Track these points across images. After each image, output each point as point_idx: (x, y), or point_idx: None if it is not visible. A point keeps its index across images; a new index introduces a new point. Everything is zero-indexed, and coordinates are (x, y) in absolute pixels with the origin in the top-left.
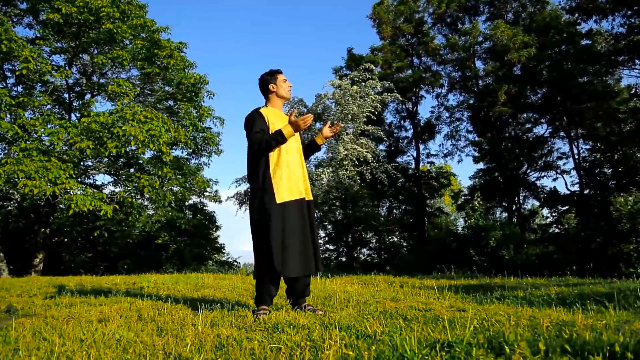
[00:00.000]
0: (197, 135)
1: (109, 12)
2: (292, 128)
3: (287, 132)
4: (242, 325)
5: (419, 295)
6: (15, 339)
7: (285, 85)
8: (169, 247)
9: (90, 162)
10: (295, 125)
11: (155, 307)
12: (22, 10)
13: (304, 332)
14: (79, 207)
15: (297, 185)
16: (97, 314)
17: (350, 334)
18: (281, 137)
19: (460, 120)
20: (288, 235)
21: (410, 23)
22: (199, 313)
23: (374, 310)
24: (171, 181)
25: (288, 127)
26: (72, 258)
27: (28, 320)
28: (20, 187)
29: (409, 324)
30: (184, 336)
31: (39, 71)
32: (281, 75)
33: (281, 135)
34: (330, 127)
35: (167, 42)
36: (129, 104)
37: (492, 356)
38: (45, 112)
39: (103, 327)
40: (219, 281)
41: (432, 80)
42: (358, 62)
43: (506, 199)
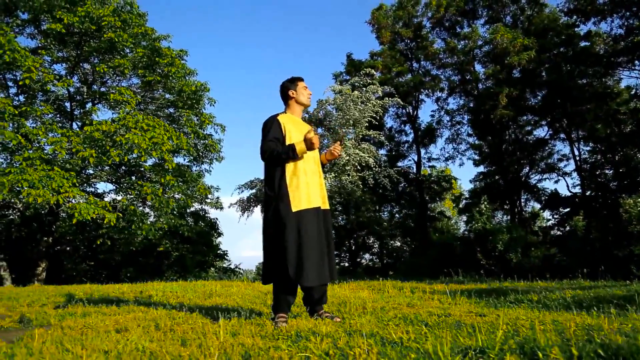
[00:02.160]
0: (199, 142)
1: (110, 21)
2: (305, 145)
3: (300, 149)
4: (264, 334)
5: (433, 300)
6: (40, 351)
7: (305, 92)
8: (171, 255)
9: (92, 170)
10: (310, 143)
11: (171, 316)
12: (24, 20)
13: (328, 340)
14: (83, 215)
15: (314, 194)
16: (113, 323)
17: (376, 341)
18: (293, 152)
19: (461, 124)
20: (304, 244)
21: (409, 28)
22: (218, 322)
23: (392, 316)
24: (173, 188)
25: (302, 144)
26: (74, 266)
27: (44, 330)
28: (24, 196)
29: (432, 330)
30: (207, 346)
31: (41, 81)
32: (302, 82)
33: (293, 150)
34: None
35: (168, 50)
36: (131, 112)
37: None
38: (47, 121)
39: (123, 338)
40: (227, 289)
41: (432, 85)
42: (358, 67)
43: (507, 201)
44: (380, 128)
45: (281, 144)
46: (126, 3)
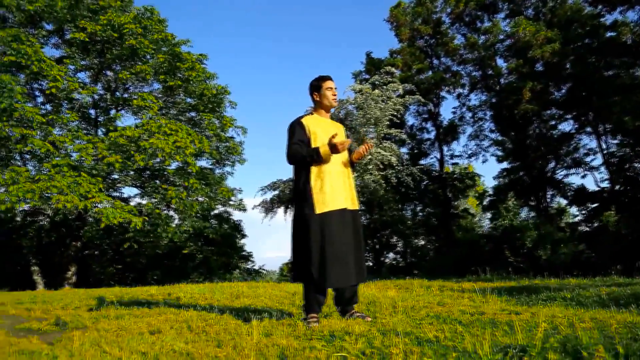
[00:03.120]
0: (220, 145)
1: (131, 29)
2: (329, 149)
3: (324, 151)
4: (298, 334)
5: (463, 299)
6: (80, 352)
7: (328, 93)
8: (196, 257)
9: (117, 175)
10: (333, 147)
11: (202, 317)
12: (49, 31)
13: (363, 340)
14: (110, 220)
15: (340, 196)
16: (146, 325)
17: (412, 340)
18: (317, 155)
19: (483, 120)
20: (327, 246)
21: (428, 24)
22: (249, 323)
23: (424, 315)
24: (197, 191)
25: (326, 147)
26: (102, 270)
27: (81, 333)
28: (54, 202)
29: (467, 328)
30: (242, 347)
31: (66, 89)
32: (327, 82)
33: (317, 153)
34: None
35: (188, 55)
36: (154, 117)
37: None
38: (73, 128)
39: (158, 340)
40: (254, 290)
41: (453, 81)
42: (377, 65)
43: (532, 197)
44: (402, 126)
45: (306, 147)
46: (146, 10)
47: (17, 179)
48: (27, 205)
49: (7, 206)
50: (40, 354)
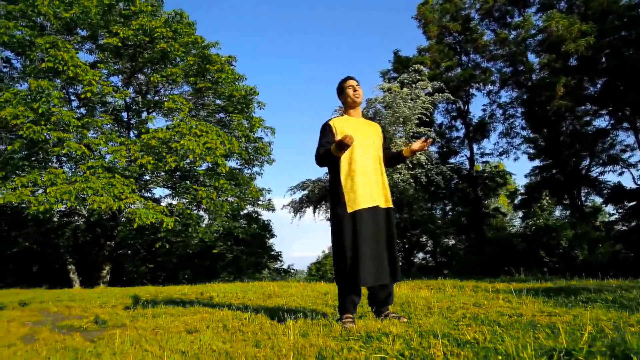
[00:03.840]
0: (249, 146)
1: (162, 32)
2: (336, 147)
3: (332, 149)
4: (334, 335)
5: (498, 300)
6: (121, 351)
7: (350, 92)
8: (226, 256)
9: (149, 176)
10: (339, 144)
11: (236, 316)
12: (83, 37)
13: (400, 341)
14: (143, 220)
15: (371, 194)
16: (182, 324)
17: (450, 341)
18: (331, 154)
19: (514, 117)
20: (360, 245)
21: (457, 21)
22: (284, 323)
23: (461, 316)
24: (227, 192)
25: (336, 143)
26: (135, 269)
27: (120, 331)
28: (89, 203)
29: (507, 330)
30: (280, 347)
31: (100, 93)
32: (349, 81)
33: (331, 153)
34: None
35: (217, 57)
36: (184, 119)
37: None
38: (106, 131)
39: (196, 339)
40: (286, 289)
41: (482, 78)
42: (405, 64)
43: (566, 196)
44: (431, 124)
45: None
46: (176, 14)
47: (54, 180)
48: (63, 206)
49: (45, 207)
50: (84, 351)
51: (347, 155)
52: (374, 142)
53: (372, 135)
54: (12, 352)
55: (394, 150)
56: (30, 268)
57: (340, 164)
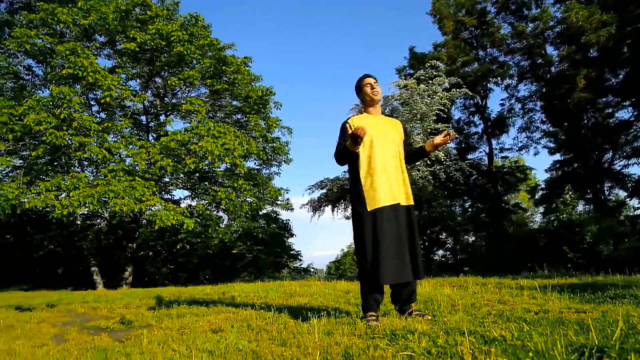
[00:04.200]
0: (267, 146)
1: (178, 36)
2: (351, 140)
3: (348, 144)
4: (359, 333)
5: (523, 296)
6: (149, 350)
7: (367, 90)
8: (245, 256)
9: (168, 178)
10: (352, 138)
11: (260, 316)
12: (102, 43)
13: (426, 339)
14: (164, 222)
15: (392, 191)
16: (207, 324)
17: (477, 338)
18: (347, 149)
19: (534, 111)
20: (380, 243)
21: (472, 15)
22: (308, 321)
23: (486, 313)
24: (245, 192)
25: (350, 136)
26: (156, 270)
27: (147, 331)
28: (111, 206)
29: (534, 327)
30: (306, 346)
31: (119, 97)
32: (366, 79)
33: (347, 148)
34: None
35: (233, 59)
36: (202, 121)
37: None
38: (126, 135)
39: (222, 338)
40: (307, 288)
41: (500, 72)
42: (421, 60)
43: (589, 190)
44: (448, 121)
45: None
46: (192, 17)
47: (77, 184)
48: (86, 209)
49: (69, 210)
50: (113, 351)
51: (366, 153)
52: (394, 139)
53: (392, 132)
54: (45, 352)
55: (416, 146)
56: (55, 270)
57: (360, 162)
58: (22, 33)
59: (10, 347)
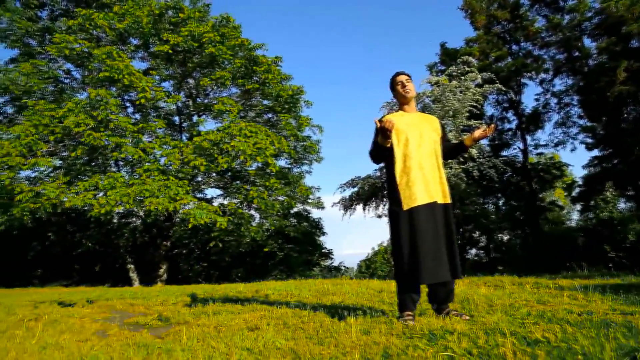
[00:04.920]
0: (298, 145)
1: (210, 37)
2: (381, 135)
3: (379, 139)
4: (396, 333)
5: (563, 297)
6: (190, 347)
7: (399, 88)
8: (277, 255)
9: (201, 177)
10: (381, 131)
11: (295, 314)
12: (136, 46)
13: (466, 339)
14: (197, 220)
15: (428, 190)
16: (243, 321)
17: (519, 340)
18: (379, 145)
19: (570, 106)
20: (418, 242)
21: (505, 9)
22: (344, 320)
23: (526, 314)
24: (277, 191)
25: (378, 131)
26: (189, 267)
27: (185, 328)
28: (146, 205)
29: (578, 329)
30: (344, 345)
31: (153, 99)
32: (398, 77)
33: (378, 144)
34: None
35: (264, 58)
36: (234, 121)
37: None
38: (160, 135)
39: (259, 336)
40: (340, 287)
41: (535, 66)
42: (453, 56)
43: (629, 187)
44: (481, 117)
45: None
46: (223, 18)
47: (114, 184)
48: (122, 208)
49: (106, 209)
50: (154, 347)
51: (401, 151)
52: (430, 136)
53: (428, 129)
54: (90, 347)
55: (454, 141)
56: (93, 267)
57: (395, 160)
58: (62, 39)
59: (57, 341)
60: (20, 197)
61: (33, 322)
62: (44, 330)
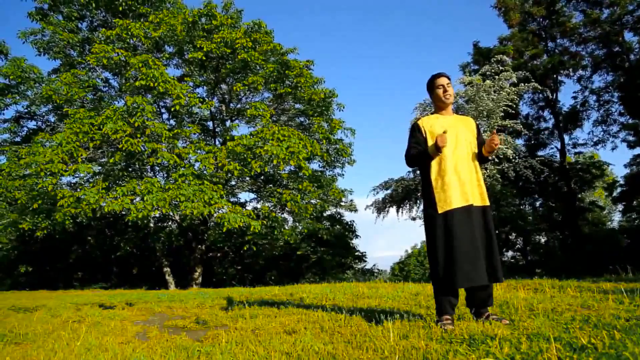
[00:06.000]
0: (330, 148)
1: (242, 43)
2: (434, 148)
3: (430, 150)
4: (435, 337)
5: (608, 301)
6: (228, 351)
7: (439, 91)
8: (310, 257)
9: (235, 181)
10: (435, 146)
11: (331, 318)
12: (171, 53)
13: (508, 344)
14: (231, 224)
15: (463, 192)
16: (280, 325)
17: (564, 345)
18: (427, 155)
19: (610, 103)
20: (453, 245)
21: (541, 5)
22: (381, 324)
23: (570, 318)
24: (310, 194)
25: (432, 147)
26: (224, 271)
27: (222, 331)
28: (182, 209)
29: (627, 335)
30: (382, 350)
31: (187, 105)
32: (438, 80)
33: (427, 154)
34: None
35: (296, 62)
36: (267, 125)
37: None
38: (195, 140)
39: (297, 340)
40: (374, 290)
41: (572, 63)
42: (486, 55)
43: None
44: (516, 116)
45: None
46: (254, 24)
47: (150, 189)
48: (159, 212)
49: (143, 214)
50: (194, 350)
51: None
52: (466, 139)
53: (464, 132)
54: (132, 349)
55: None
56: (131, 270)
57: (431, 163)
58: (100, 49)
59: (100, 342)
60: (62, 202)
61: (77, 324)
62: (88, 331)
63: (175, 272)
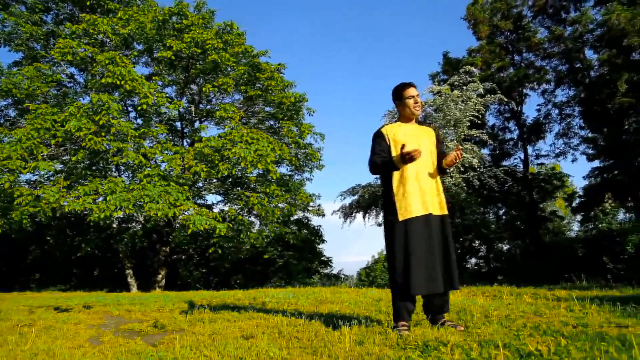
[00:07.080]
0: (299, 152)
1: (213, 44)
2: (400, 159)
3: (396, 160)
4: (390, 343)
5: (560, 308)
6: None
7: (409, 102)
8: (276, 262)
9: (202, 183)
10: (404, 158)
11: (290, 323)
12: (140, 51)
13: (459, 351)
14: (197, 226)
15: (424, 201)
16: (238, 330)
17: (512, 352)
18: (393, 165)
19: (572, 117)
20: (411, 253)
21: (508, 19)
22: (339, 329)
23: (521, 325)
24: (277, 198)
25: (397, 157)
26: (189, 273)
27: (179, 335)
28: (146, 210)
29: (572, 341)
30: (337, 355)
31: (155, 104)
32: (408, 90)
33: (393, 164)
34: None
35: (267, 65)
36: (236, 127)
37: None
38: (162, 140)
39: (253, 345)
40: (338, 295)
41: (537, 77)
42: (455, 66)
43: (630, 198)
44: (482, 126)
45: (387, 156)
46: (226, 25)
47: (114, 189)
48: (122, 213)
49: (106, 214)
50: (147, 355)
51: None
52: (427, 148)
53: (426, 141)
54: (82, 354)
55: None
56: (92, 272)
57: (393, 171)
58: (65, 44)
59: (49, 347)
60: (19, 201)
61: (27, 328)
62: (38, 336)
63: (138, 274)
